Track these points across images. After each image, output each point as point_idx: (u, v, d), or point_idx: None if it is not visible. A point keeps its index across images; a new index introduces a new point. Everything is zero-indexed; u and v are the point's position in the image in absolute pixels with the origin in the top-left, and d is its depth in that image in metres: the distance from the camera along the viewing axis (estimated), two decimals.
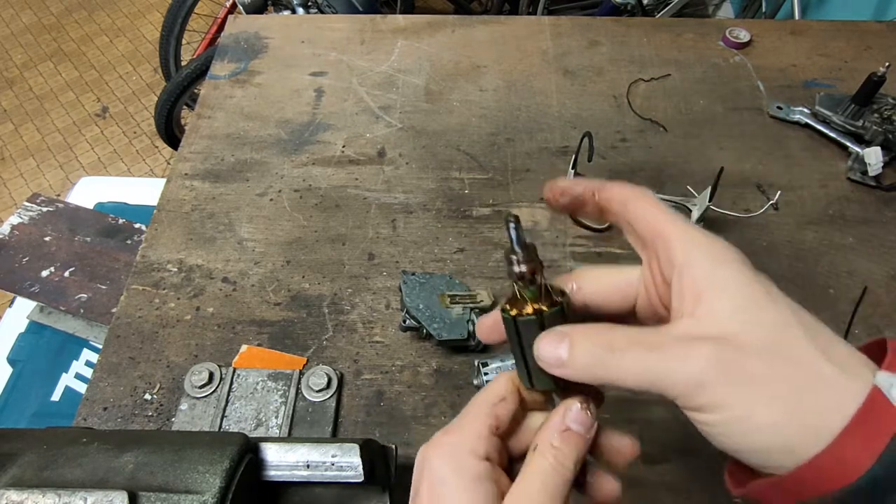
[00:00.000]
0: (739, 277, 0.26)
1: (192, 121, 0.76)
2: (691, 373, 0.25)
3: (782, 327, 0.25)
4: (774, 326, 0.25)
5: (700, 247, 0.27)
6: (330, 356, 0.58)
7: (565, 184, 0.33)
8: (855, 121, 0.71)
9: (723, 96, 0.78)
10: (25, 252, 0.77)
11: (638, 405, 0.54)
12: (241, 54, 0.83)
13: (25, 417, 0.76)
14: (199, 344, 0.59)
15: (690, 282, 0.26)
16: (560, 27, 0.86)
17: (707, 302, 0.26)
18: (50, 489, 0.34)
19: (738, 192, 0.69)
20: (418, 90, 0.79)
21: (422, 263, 0.64)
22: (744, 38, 0.83)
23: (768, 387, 0.24)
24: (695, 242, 0.27)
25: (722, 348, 0.24)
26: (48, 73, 2.30)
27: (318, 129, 0.75)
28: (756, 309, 0.25)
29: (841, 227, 0.66)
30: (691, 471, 0.51)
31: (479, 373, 0.54)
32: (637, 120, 0.76)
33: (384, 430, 0.54)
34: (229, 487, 0.35)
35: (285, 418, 0.53)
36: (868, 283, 0.62)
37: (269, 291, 0.62)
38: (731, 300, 0.25)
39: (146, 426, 0.54)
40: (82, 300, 0.74)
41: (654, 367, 0.25)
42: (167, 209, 0.68)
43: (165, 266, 0.64)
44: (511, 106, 0.78)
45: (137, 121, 2.17)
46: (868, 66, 0.74)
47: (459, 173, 0.71)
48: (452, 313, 0.57)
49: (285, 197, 0.69)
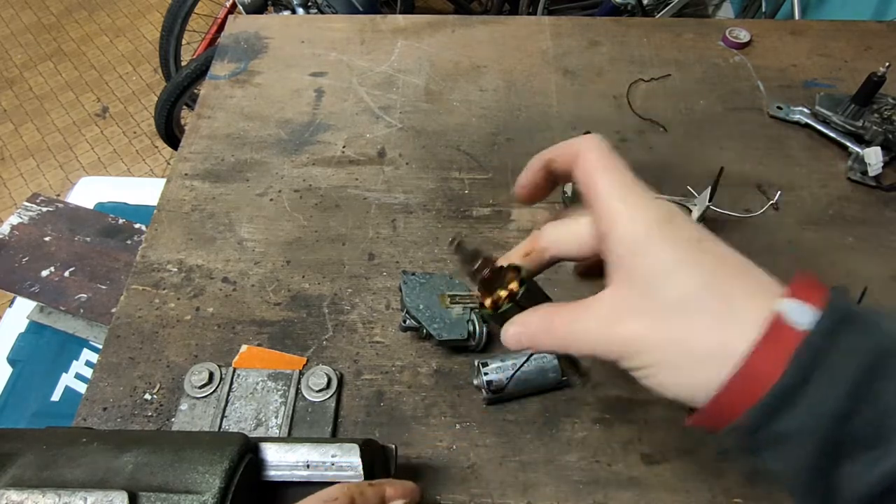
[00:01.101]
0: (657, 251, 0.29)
1: (192, 121, 0.76)
2: (616, 345, 0.29)
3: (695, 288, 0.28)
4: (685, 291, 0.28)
5: (622, 218, 0.30)
6: (330, 356, 0.58)
7: (523, 176, 0.37)
8: (855, 121, 0.71)
9: (723, 96, 0.78)
10: (25, 252, 0.77)
11: (637, 405, 0.54)
12: (241, 54, 0.83)
13: (25, 417, 0.76)
14: (199, 344, 0.59)
15: (613, 252, 0.30)
16: (560, 27, 0.86)
17: (626, 275, 0.30)
18: (50, 489, 0.34)
19: (738, 192, 0.69)
20: (418, 90, 0.79)
21: (422, 263, 0.64)
22: (744, 38, 0.83)
23: (682, 345, 0.28)
24: (618, 213, 0.30)
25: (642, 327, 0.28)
26: (48, 73, 2.31)
27: (318, 130, 0.75)
28: (665, 275, 0.28)
29: (841, 227, 0.66)
30: (691, 471, 0.51)
31: (479, 373, 0.54)
32: (637, 120, 0.76)
33: (384, 430, 0.54)
34: (229, 487, 0.35)
35: (285, 418, 0.53)
36: (868, 283, 0.62)
37: (269, 291, 0.62)
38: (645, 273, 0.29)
39: (146, 426, 0.54)
40: (82, 300, 0.74)
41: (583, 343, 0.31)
42: (167, 209, 0.68)
43: (165, 266, 0.64)
44: (511, 106, 0.78)
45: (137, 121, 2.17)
46: (868, 66, 0.74)
47: (459, 173, 0.71)
48: (452, 313, 0.57)
49: (285, 197, 0.69)
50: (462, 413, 0.55)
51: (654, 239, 0.29)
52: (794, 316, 0.26)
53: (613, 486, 0.51)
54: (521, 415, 0.55)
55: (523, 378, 0.53)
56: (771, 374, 0.25)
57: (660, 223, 0.29)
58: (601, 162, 0.32)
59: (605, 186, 0.31)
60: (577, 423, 0.54)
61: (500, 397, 0.54)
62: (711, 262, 0.28)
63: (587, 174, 0.32)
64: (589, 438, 0.53)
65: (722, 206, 0.66)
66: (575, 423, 0.54)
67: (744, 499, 0.50)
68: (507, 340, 0.34)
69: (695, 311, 0.27)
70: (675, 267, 0.28)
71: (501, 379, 0.53)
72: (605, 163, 0.32)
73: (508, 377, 0.53)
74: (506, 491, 0.51)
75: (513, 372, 0.53)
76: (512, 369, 0.53)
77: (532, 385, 0.54)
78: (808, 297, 0.26)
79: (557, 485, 0.51)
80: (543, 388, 0.55)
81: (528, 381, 0.54)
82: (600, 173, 0.31)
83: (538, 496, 0.50)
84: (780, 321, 0.26)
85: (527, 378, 0.54)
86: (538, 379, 0.54)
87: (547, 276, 0.38)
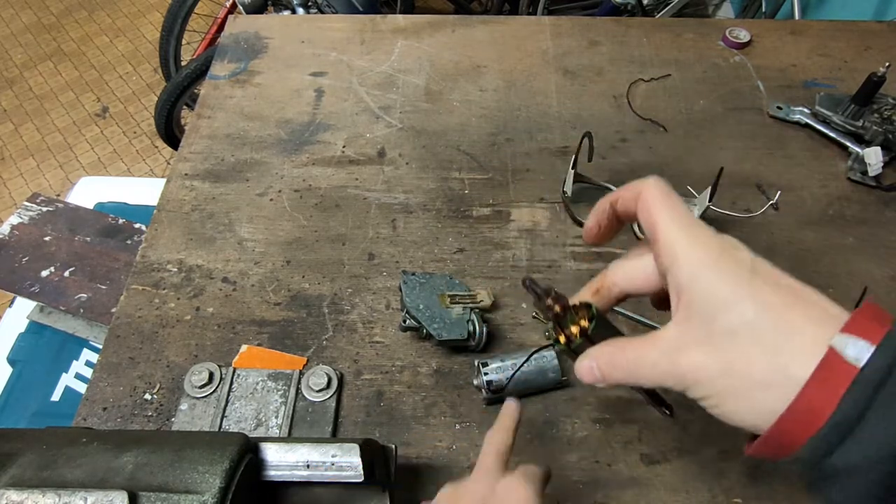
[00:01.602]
0: (714, 281, 0.30)
1: (192, 121, 0.76)
2: (680, 376, 0.31)
3: (752, 318, 0.28)
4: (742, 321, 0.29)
5: (680, 251, 0.31)
6: (330, 356, 0.58)
7: (591, 218, 0.38)
8: (855, 121, 0.71)
9: (723, 96, 0.78)
10: (25, 252, 0.77)
11: (637, 405, 0.54)
12: (241, 54, 0.83)
13: (25, 417, 0.76)
14: (199, 344, 0.59)
15: (674, 285, 0.32)
16: (560, 27, 0.86)
17: (685, 307, 0.31)
18: (50, 489, 0.34)
19: (738, 192, 0.69)
20: (418, 90, 0.79)
21: (422, 263, 0.64)
22: (744, 38, 0.83)
23: (741, 374, 0.28)
24: (677, 247, 0.31)
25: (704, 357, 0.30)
26: (48, 72, 2.30)
27: (318, 129, 0.75)
28: (723, 306, 0.29)
29: (841, 228, 0.66)
30: (691, 471, 0.52)
31: (479, 373, 0.54)
32: (637, 120, 0.76)
33: (384, 430, 0.54)
34: (229, 487, 0.35)
35: (285, 418, 0.53)
36: (868, 283, 0.62)
37: (269, 291, 0.62)
38: (703, 304, 0.30)
39: (146, 426, 0.54)
40: (82, 300, 0.74)
41: (651, 375, 0.32)
42: (167, 209, 0.68)
43: (165, 266, 0.64)
44: (511, 106, 0.78)
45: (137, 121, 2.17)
46: (868, 66, 0.74)
47: (459, 173, 0.71)
48: (452, 313, 0.57)
49: (285, 197, 0.69)
50: (462, 413, 0.55)
51: (710, 270, 0.30)
52: (850, 350, 0.26)
53: (613, 486, 0.51)
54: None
55: (523, 378, 0.53)
56: (825, 409, 0.26)
57: (716, 255, 0.30)
58: (661, 200, 0.34)
59: (664, 222, 0.33)
60: (577, 423, 0.54)
61: (500, 397, 0.54)
62: (768, 291, 0.29)
63: (648, 212, 0.34)
64: (589, 438, 0.53)
65: (722, 206, 0.66)
66: (575, 423, 0.54)
67: (744, 499, 0.50)
68: (580, 374, 0.35)
69: (752, 340, 0.28)
70: (732, 297, 0.29)
71: (501, 379, 0.53)
72: (665, 201, 0.33)
73: (508, 377, 0.53)
74: None
75: (513, 372, 0.53)
76: (512, 369, 0.53)
77: (532, 385, 0.54)
78: (865, 331, 0.27)
79: (557, 485, 0.51)
80: (543, 388, 0.55)
81: (528, 381, 0.54)
82: (660, 210, 0.33)
83: None
84: (834, 355, 0.26)
85: (527, 378, 0.54)
86: (538, 379, 0.54)
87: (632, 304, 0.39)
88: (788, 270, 0.30)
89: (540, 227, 0.67)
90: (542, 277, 0.63)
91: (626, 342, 0.34)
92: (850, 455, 0.26)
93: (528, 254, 0.65)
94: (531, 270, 0.63)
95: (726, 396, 0.29)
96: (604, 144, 0.73)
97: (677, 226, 0.32)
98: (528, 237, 0.66)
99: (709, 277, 0.30)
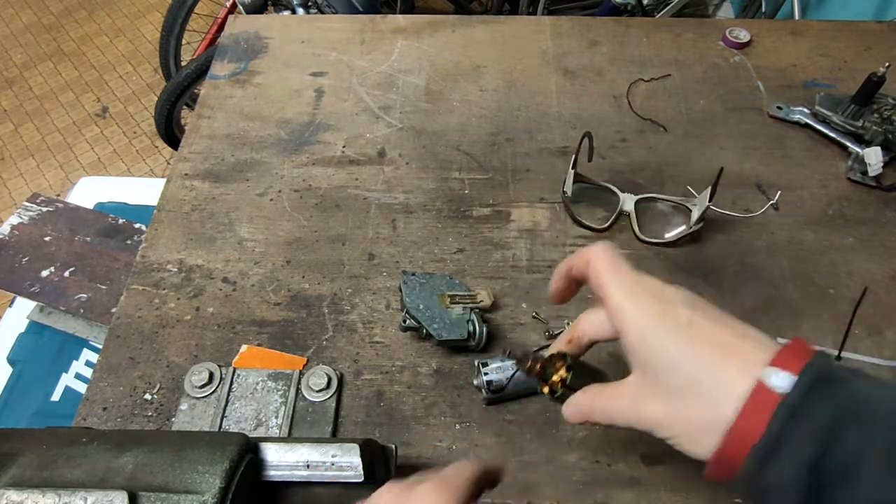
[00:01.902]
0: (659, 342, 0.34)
1: (192, 121, 0.76)
2: (645, 424, 0.36)
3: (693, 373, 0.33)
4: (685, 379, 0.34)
5: (628, 316, 0.36)
6: (330, 356, 0.58)
7: (552, 284, 0.44)
8: (855, 121, 0.71)
9: (723, 96, 0.78)
10: (25, 252, 0.77)
11: None
12: (241, 54, 0.83)
13: (25, 417, 0.76)
14: (199, 344, 0.59)
15: (625, 344, 0.36)
16: (560, 27, 0.86)
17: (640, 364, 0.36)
18: (50, 489, 0.34)
19: (738, 192, 0.69)
20: (418, 90, 0.79)
21: (422, 263, 0.64)
22: (744, 38, 0.83)
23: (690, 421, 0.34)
24: (625, 312, 0.36)
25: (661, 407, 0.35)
26: (48, 73, 2.30)
27: (318, 129, 0.75)
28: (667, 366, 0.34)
29: (841, 228, 0.66)
30: (691, 471, 0.51)
31: (479, 373, 0.54)
32: (637, 120, 0.76)
33: (384, 430, 0.54)
34: (229, 487, 0.35)
35: (285, 418, 0.53)
36: (868, 283, 0.62)
37: (269, 291, 0.62)
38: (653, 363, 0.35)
39: (146, 426, 0.54)
40: (82, 300, 0.74)
41: (622, 420, 0.38)
42: (167, 209, 0.68)
43: (165, 266, 0.64)
44: (511, 106, 0.78)
45: (137, 121, 2.17)
46: (868, 66, 0.74)
47: (459, 173, 0.71)
48: (452, 313, 0.57)
49: (285, 197, 0.69)
50: (462, 413, 0.55)
51: (655, 331, 0.35)
52: (773, 380, 0.31)
53: (613, 486, 0.51)
54: (521, 415, 0.55)
55: (523, 378, 0.53)
56: (755, 433, 0.30)
57: (658, 317, 0.35)
58: (607, 267, 0.38)
59: (611, 288, 0.37)
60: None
61: (500, 397, 0.54)
62: (705, 346, 0.33)
63: (598, 279, 0.38)
64: (589, 438, 0.53)
65: (722, 206, 0.66)
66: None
67: (744, 499, 0.50)
68: (568, 417, 0.40)
69: (696, 395, 0.33)
70: (674, 357, 0.34)
71: (501, 379, 0.53)
72: (611, 267, 0.38)
73: (508, 377, 0.53)
74: (506, 491, 0.51)
75: (513, 372, 0.53)
76: (512, 369, 0.53)
77: (532, 385, 0.54)
78: (788, 364, 0.31)
79: (557, 485, 0.51)
80: None
81: (528, 381, 0.54)
82: (608, 277, 0.37)
83: (538, 496, 0.50)
84: (762, 387, 0.31)
85: (527, 378, 0.53)
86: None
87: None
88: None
89: (540, 227, 0.67)
90: (543, 277, 0.63)
91: (600, 390, 0.39)
92: (773, 472, 0.30)
93: (528, 254, 0.65)
94: (531, 270, 0.63)
95: (682, 438, 0.34)
96: (604, 144, 0.73)
97: (622, 292, 0.36)
98: (528, 237, 0.66)
99: (654, 338, 0.34)
